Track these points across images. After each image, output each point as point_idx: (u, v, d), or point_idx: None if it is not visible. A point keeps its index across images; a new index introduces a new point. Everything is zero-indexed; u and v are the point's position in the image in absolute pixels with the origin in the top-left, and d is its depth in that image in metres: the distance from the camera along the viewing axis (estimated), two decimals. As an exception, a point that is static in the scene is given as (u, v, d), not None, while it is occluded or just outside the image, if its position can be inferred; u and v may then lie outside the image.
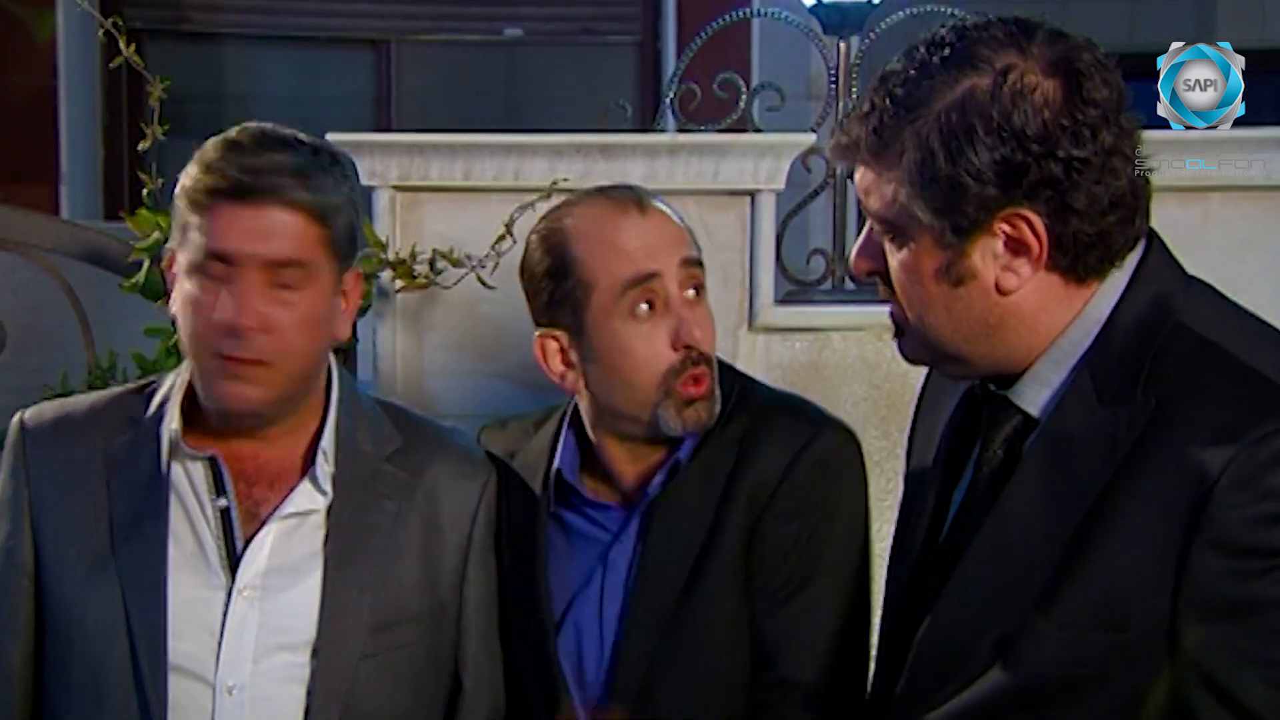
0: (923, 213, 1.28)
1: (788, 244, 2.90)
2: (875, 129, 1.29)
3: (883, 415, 2.74)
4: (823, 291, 2.95)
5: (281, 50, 6.45)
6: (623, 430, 1.70)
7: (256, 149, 1.56)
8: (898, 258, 1.33)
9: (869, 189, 1.33)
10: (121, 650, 1.57)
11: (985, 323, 1.31)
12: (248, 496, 1.63)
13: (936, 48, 1.28)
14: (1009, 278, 1.28)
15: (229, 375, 1.57)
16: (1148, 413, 1.23)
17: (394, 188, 2.66)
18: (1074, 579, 1.24)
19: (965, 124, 1.24)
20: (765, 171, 2.67)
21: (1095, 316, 1.30)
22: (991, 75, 1.24)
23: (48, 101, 5.67)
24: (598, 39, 6.44)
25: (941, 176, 1.25)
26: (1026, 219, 1.25)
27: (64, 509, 1.63)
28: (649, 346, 1.63)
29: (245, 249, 1.55)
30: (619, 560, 1.69)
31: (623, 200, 1.67)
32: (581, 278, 1.64)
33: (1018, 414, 1.35)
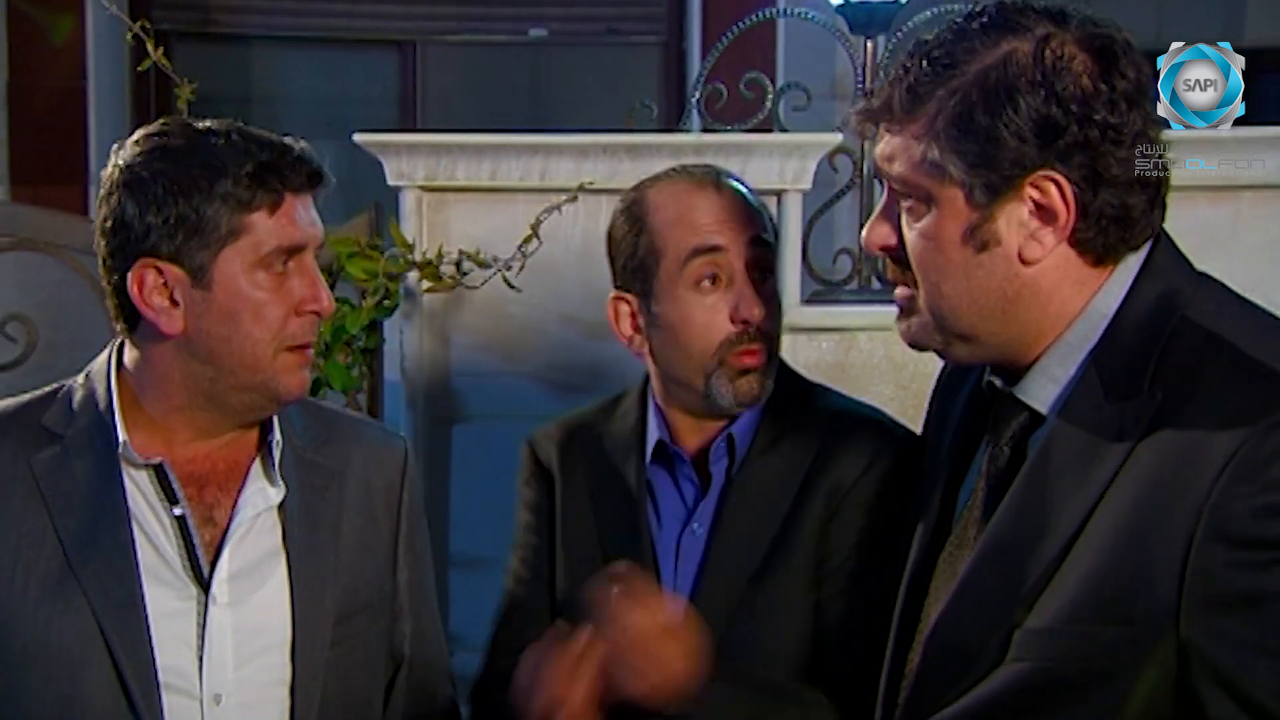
0: (956, 168, 1.28)
1: (814, 244, 2.89)
2: (910, 88, 1.30)
3: (909, 415, 2.71)
4: (849, 291, 2.94)
5: (307, 51, 6.48)
6: (682, 399, 1.76)
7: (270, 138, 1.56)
8: (918, 226, 1.33)
9: (895, 153, 1.33)
10: (100, 671, 1.51)
11: (1003, 294, 1.30)
12: (199, 500, 1.59)
13: (975, 17, 1.30)
14: (1033, 246, 1.28)
15: (301, 365, 1.58)
16: (1154, 407, 1.23)
17: (421, 188, 2.67)
18: (1079, 574, 1.24)
19: (1007, 81, 1.25)
20: (791, 171, 2.67)
21: (1102, 311, 1.30)
22: (1033, 40, 1.26)
23: (76, 103, 5.71)
24: (622, 39, 6.44)
25: (980, 130, 1.26)
26: (1057, 182, 1.26)
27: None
28: (708, 316, 1.69)
29: (311, 234, 1.57)
30: (695, 543, 1.73)
31: (701, 177, 1.75)
32: (653, 246, 1.71)
33: (1024, 410, 1.34)
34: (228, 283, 1.52)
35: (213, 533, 1.58)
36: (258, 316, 1.53)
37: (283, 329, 1.55)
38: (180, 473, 1.57)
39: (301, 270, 1.56)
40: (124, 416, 1.57)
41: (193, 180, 1.50)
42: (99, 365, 1.63)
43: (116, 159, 1.55)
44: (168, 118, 1.61)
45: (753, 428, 1.75)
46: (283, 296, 1.55)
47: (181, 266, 1.51)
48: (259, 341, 1.54)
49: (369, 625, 1.69)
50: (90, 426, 1.57)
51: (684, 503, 1.76)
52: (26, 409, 1.61)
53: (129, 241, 1.52)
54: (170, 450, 1.58)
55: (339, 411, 1.86)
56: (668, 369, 1.75)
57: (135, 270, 1.52)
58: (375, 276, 2.58)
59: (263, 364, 1.55)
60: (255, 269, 1.53)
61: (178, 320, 1.53)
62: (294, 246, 1.55)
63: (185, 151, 1.52)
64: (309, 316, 1.58)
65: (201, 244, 1.51)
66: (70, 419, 1.58)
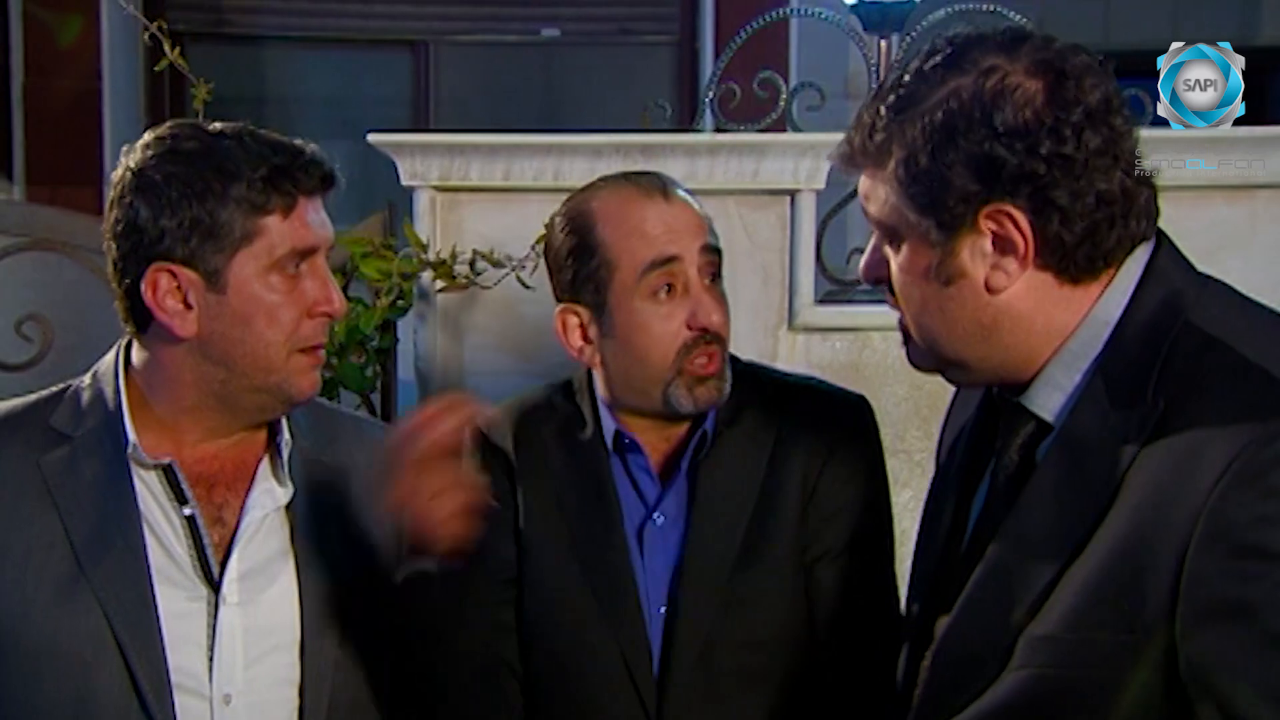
0: (910, 212, 1.30)
1: (828, 243, 2.89)
2: (869, 134, 1.32)
3: (924, 415, 2.73)
4: (863, 291, 2.93)
5: (320, 52, 6.50)
6: (637, 405, 1.76)
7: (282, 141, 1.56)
8: (895, 261, 1.36)
9: (867, 194, 1.35)
10: (113, 672, 1.50)
11: (979, 323, 1.32)
12: (208, 501, 1.59)
13: (929, 56, 1.31)
14: (998, 276, 1.29)
15: (313, 366, 1.59)
16: (1158, 414, 1.22)
17: (434, 188, 2.67)
18: (1081, 580, 1.23)
19: (947, 121, 1.26)
20: (805, 171, 2.66)
21: (1104, 318, 1.30)
22: (974, 75, 1.26)
23: (91, 104, 5.74)
24: (635, 39, 6.44)
25: (924, 173, 1.27)
26: (1010, 215, 1.26)
27: (6, 533, 1.53)
28: (665, 326, 1.69)
29: (323, 236, 1.57)
30: (658, 535, 1.74)
31: (648, 186, 1.74)
32: (606, 258, 1.70)
33: (1032, 419, 1.34)
34: (242, 286, 1.52)
35: (222, 533, 1.59)
36: (271, 319, 1.54)
37: (296, 331, 1.55)
38: (189, 473, 1.58)
39: (314, 272, 1.57)
40: (133, 417, 1.57)
41: (206, 184, 1.50)
42: (106, 365, 1.63)
43: (127, 162, 1.55)
44: (177, 120, 1.61)
45: (713, 414, 1.76)
46: (296, 299, 1.55)
47: (195, 270, 1.51)
48: (272, 344, 1.54)
49: (374, 625, 1.69)
50: (99, 427, 1.57)
51: (639, 494, 1.77)
52: (33, 409, 1.61)
53: (142, 245, 1.52)
54: (179, 451, 1.58)
55: (341, 410, 1.87)
56: (623, 378, 1.74)
57: (149, 274, 1.52)
58: (389, 276, 2.59)
59: (276, 366, 1.55)
60: (269, 272, 1.53)
61: (191, 323, 1.53)
62: (307, 249, 1.55)
63: (198, 155, 1.52)
64: (321, 318, 1.58)
65: (216, 248, 1.51)
66: (78, 420, 1.58)
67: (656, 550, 1.74)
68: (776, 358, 2.71)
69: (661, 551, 1.74)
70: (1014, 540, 1.31)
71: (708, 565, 1.71)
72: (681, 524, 1.74)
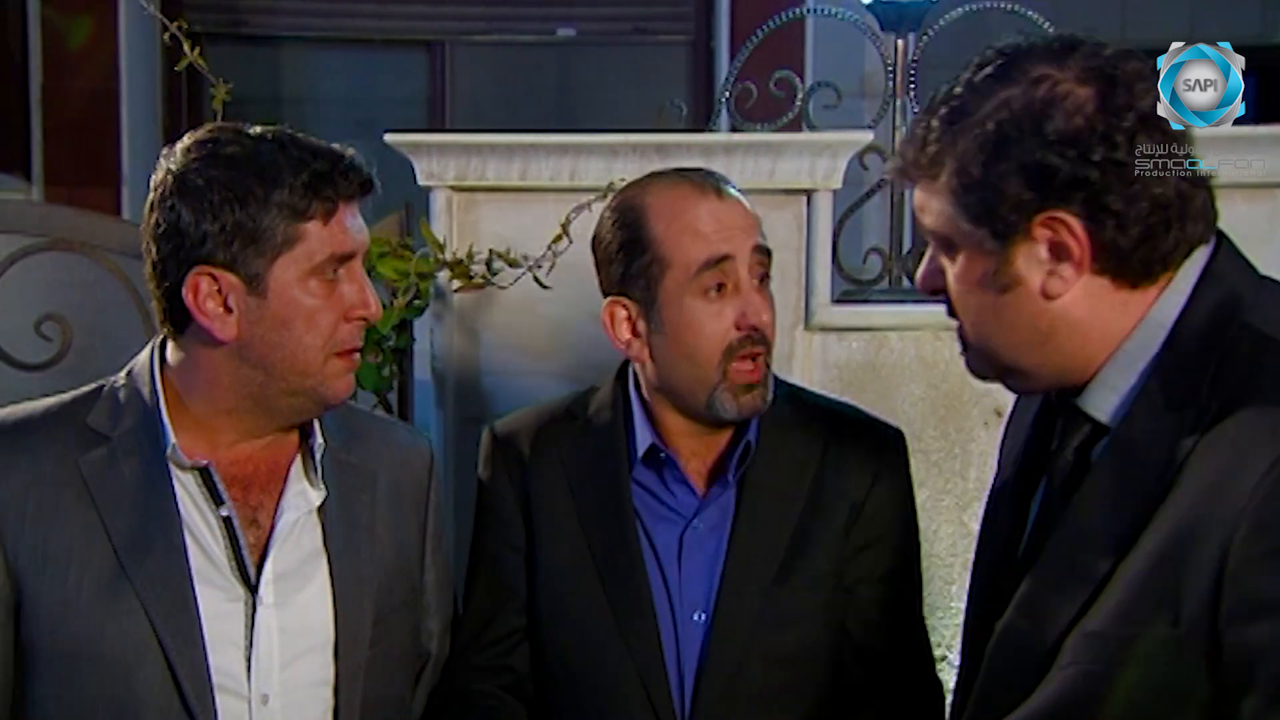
0: (964, 222, 1.32)
1: (844, 243, 2.88)
2: (922, 147, 1.34)
3: (940, 415, 2.72)
4: (879, 291, 2.93)
5: (336, 52, 6.51)
6: (679, 404, 1.75)
7: (322, 146, 1.57)
8: (952, 271, 1.37)
9: (923, 206, 1.37)
10: (155, 673, 1.52)
11: (1036, 329, 1.33)
12: (244, 502, 1.60)
13: (980, 68, 1.32)
14: (1054, 282, 1.30)
15: (348, 369, 1.60)
16: (1211, 415, 1.24)
17: (451, 188, 2.67)
18: (1130, 577, 1.25)
19: (998, 132, 1.28)
20: (822, 170, 2.66)
21: (1161, 320, 1.30)
22: (1024, 85, 1.28)
23: (109, 104, 5.75)
24: (651, 39, 6.44)
25: (977, 184, 1.30)
26: (1065, 222, 1.27)
27: (46, 533, 1.53)
28: (716, 324, 1.69)
29: (361, 241, 1.59)
30: (697, 542, 1.74)
31: (702, 183, 1.74)
32: (658, 254, 1.70)
33: (1088, 421, 1.35)
34: (282, 290, 1.53)
35: (257, 534, 1.60)
36: (310, 323, 1.55)
37: (333, 335, 1.57)
38: (225, 474, 1.59)
39: (351, 276, 1.58)
40: (171, 418, 1.58)
41: (249, 189, 1.51)
42: (141, 365, 1.64)
43: (168, 164, 1.55)
44: (216, 123, 1.62)
45: (756, 426, 1.76)
46: (334, 303, 1.56)
47: (237, 274, 1.52)
48: (310, 348, 1.55)
49: (403, 624, 1.71)
50: (137, 428, 1.58)
51: (677, 504, 1.76)
52: (70, 409, 1.61)
53: (183, 248, 1.52)
54: (214, 452, 1.59)
55: (366, 412, 1.88)
56: (669, 375, 1.74)
57: (190, 278, 1.53)
58: (406, 276, 2.59)
59: (313, 369, 1.56)
60: (309, 277, 1.54)
61: (231, 327, 1.54)
62: (346, 254, 1.56)
63: (240, 159, 1.52)
64: (358, 322, 1.60)
65: (257, 252, 1.52)
66: (116, 420, 1.59)
67: (694, 556, 1.73)
68: (793, 357, 2.71)
69: (700, 558, 1.73)
70: (1068, 540, 1.32)
71: (750, 576, 1.71)
72: (723, 532, 1.73)
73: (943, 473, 2.72)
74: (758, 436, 1.76)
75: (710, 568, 1.72)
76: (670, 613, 1.72)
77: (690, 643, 1.71)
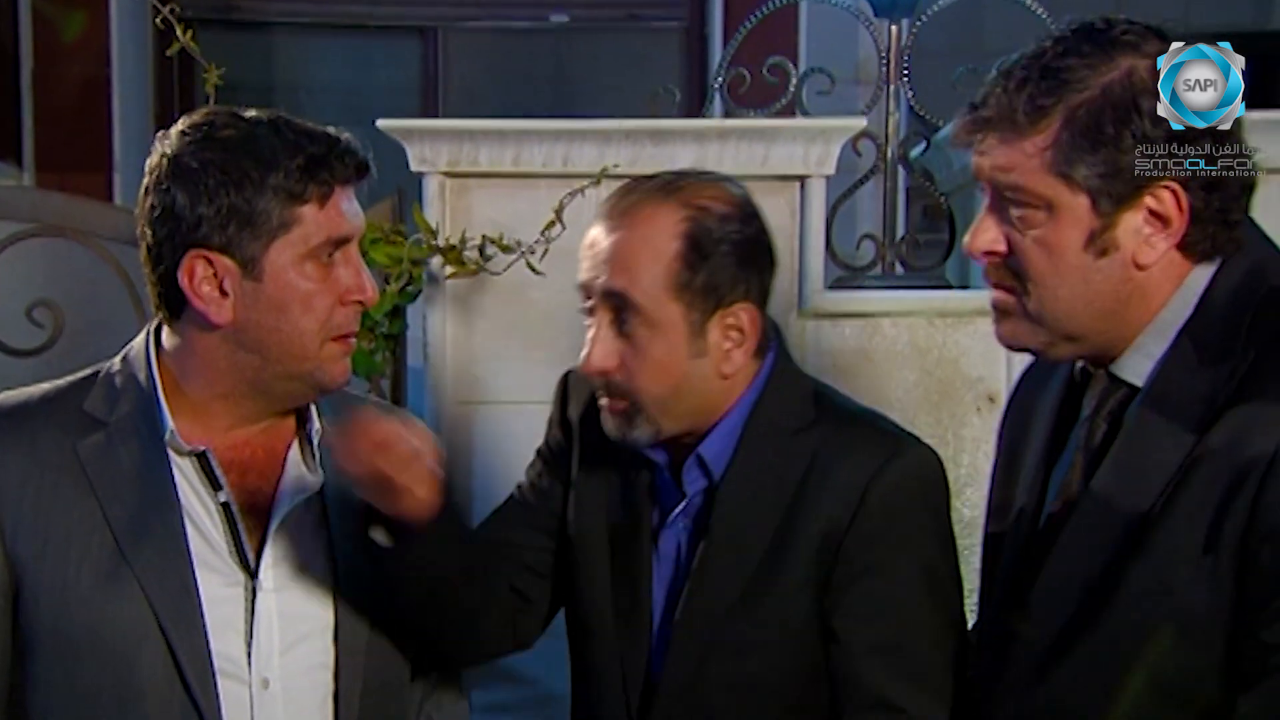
0: (1086, 178, 1.33)
1: (837, 229, 2.89)
2: (1031, 99, 1.34)
3: (933, 401, 2.73)
4: (873, 277, 2.94)
5: (330, 39, 6.48)
6: None
7: (318, 130, 1.55)
8: (1033, 233, 1.37)
9: (1012, 163, 1.36)
10: (156, 658, 1.51)
11: (1116, 296, 1.36)
12: (241, 487, 1.59)
13: (1085, 32, 1.36)
14: (1146, 251, 1.34)
15: (344, 354, 1.59)
16: (1246, 366, 1.30)
17: (444, 174, 2.67)
18: (1166, 517, 1.30)
19: (1133, 95, 1.31)
20: (815, 156, 2.66)
21: (1194, 289, 1.36)
22: (1150, 57, 1.32)
23: (100, 90, 5.73)
24: (644, 25, 6.43)
25: (1109, 141, 1.31)
26: (1173, 191, 1.31)
27: (45, 519, 1.52)
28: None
29: (356, 225, 1.57)
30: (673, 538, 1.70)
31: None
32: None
33: (1122, 387, 1.40)
34: (278, 274, 1.52)
35: (256, 519, 1.59)
36: (306, 307, 1.53)
37: (329, 319, 1.55)
38: (222, 459, 1.58)
39: (347, 260, 1.57)
40: (168, 403, 1.57)
41: (244, 172, 1.50)
42: (137, 349, 1.63)
43: (163, 148, 1.54)
44: (211, 106, 1.62)
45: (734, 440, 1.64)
46: (330, 287, 1.55)
47: (232, 258, 1.51)
48: (306, 332, 1.54)
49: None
50: (134, 413, 1.57)
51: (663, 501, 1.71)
52: (66, 394, 1.60)
53: (179, 232, 1.51)
54: (210, 437, 1.58)
55: (361, 397, 1.87)
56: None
57: (186, 261, 1.51)
58: (399, 262, 2.59)
59: (309, 353, 1.55)
60: (304, 260, 1.53)
61: (227, 310, 1.53)
62: (342, 238, 1.55)
63: (235, 142, 1.51)
64: (354, 306, 1.58)
65: (253, 236, 1.51)
66: (112, 404, 1.58)
67: (665, 559, 1.70)
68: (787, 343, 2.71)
69: (668, 563, 1.69)
70: (1103, 494, 1.37)
71: (714, 596, 1.63)
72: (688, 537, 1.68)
73: (935, 459, 2.72)
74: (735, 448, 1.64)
75: (676, 575, 1.68)
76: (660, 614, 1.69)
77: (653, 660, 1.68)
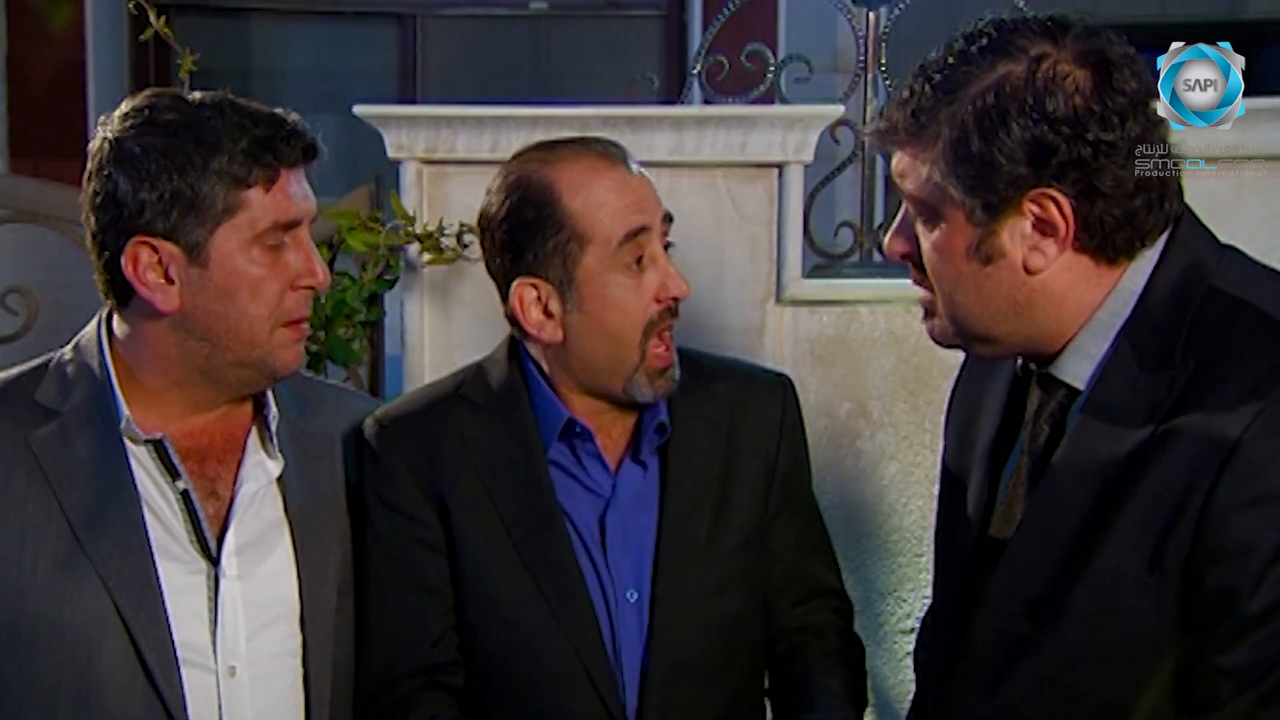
0: (955, 191, 1.32)
1: (815, 217, 2.89)
2: (913, 112, 1.34)
3: (911, 389, 2.73)
4: (851, 264, 2.94)
5: (307, 25, 6.45)
6: (593, 385, 1.70)
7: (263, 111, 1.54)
8: (930, 239, 1.38)
9: (905, 172, 1.37)
10: (118, 650, 1.49)
11: (1014, 301, 1.35)
12: (200, 475, 1.58)
13: (974, 39, 1.33)
14: (1036, 257, 1.32)
15: (296, 340, 1.57)
16: (1187, 375, 1.28)
17: (421, 160, 2.66)
18: (1110, 536, 1.28)
19: (999, 106, 1.29)
20: (793, 144, 2.66)
21: (1131, 288, 1.34)
22: (1026, 62, 1.29)
23: (76, 76, 5.69)
24: (624, 12, 6.41)
25: (975, 155, 1.30)
26: (1054, 199, 1.29)
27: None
28: (637, 299, 1.65)
29: (305, 208, 1.55)
30: (620, 521, 1.70)
31: (606, 153, 1.69)
32: (576, 231, 1.63)
33: (1061, 388, 1.38)
34: (224, 260, 1.51)
35: (216, 506, 1.58)
36: (255, 293, 1.52)
37: (279, 304, 1.54)
38: (179, 447, 1.57)
39: (297, 245, 1.55)
40: (122, 391, 1.56)
41: (187, 156, 1.48)
42: (88, 337, 1.61)
43: (104, 132, 1.53)
44: (155, 89, 1.58)
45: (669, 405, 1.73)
46: (279, 272, 1.53)
47: (177, 244, 1.50)
48: (255, 318, 1.53)
49: None
50: (87, 402, 1.56)
51: (592, 482, 1.71)
52: (16, 384, 1.58)
53: (121, 218, 1.50)
54: (167, 424, 1.57)
55: (319, 380, 1.86)
56: (586, 356, 1.67)
57: (129, 248, 1.50)
58: (376, 249, 2.58)
59: (259, 340, 1.54)
60: (251, 245, 1.51)
61: (173, 297, 1.51)
62: (290, 222, 1.53)
63: (177, 126, 1.50)
64: (305, 291, 1.57)
65: (197, 221, 1.49)
66: (65, 394, 1.56)
67: (619, 535, 1.70)
68: (764, 331, 2.71)
69: (626, 536, 1.70)
70: (1048, 504, 1.35)
71: (683, 549, 1.69)
72: (650, 509, 1.71)
73: (912, 445, 2.73)
74: (669, 408, 1.72)
75: (639, 545, 1.69)
76: (602, 594, 1.68)
77: (626, 622, 1.68)
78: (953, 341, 1.43)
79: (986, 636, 1.40)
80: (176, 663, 1.51)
